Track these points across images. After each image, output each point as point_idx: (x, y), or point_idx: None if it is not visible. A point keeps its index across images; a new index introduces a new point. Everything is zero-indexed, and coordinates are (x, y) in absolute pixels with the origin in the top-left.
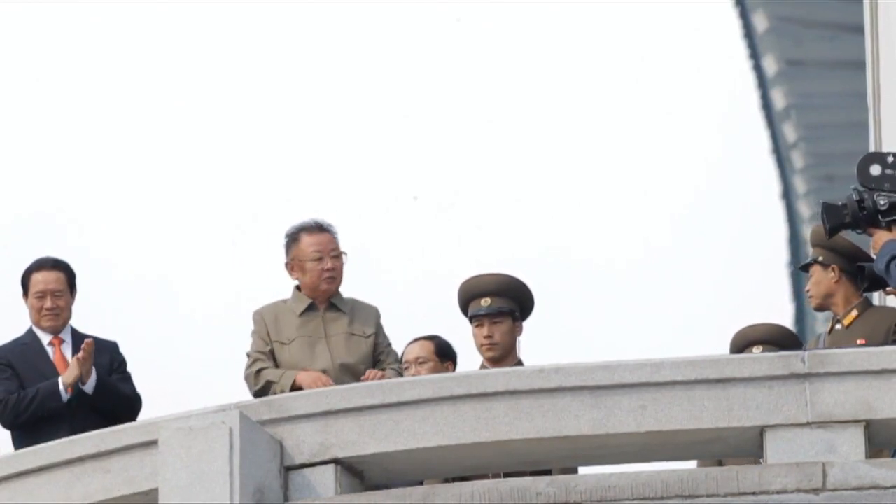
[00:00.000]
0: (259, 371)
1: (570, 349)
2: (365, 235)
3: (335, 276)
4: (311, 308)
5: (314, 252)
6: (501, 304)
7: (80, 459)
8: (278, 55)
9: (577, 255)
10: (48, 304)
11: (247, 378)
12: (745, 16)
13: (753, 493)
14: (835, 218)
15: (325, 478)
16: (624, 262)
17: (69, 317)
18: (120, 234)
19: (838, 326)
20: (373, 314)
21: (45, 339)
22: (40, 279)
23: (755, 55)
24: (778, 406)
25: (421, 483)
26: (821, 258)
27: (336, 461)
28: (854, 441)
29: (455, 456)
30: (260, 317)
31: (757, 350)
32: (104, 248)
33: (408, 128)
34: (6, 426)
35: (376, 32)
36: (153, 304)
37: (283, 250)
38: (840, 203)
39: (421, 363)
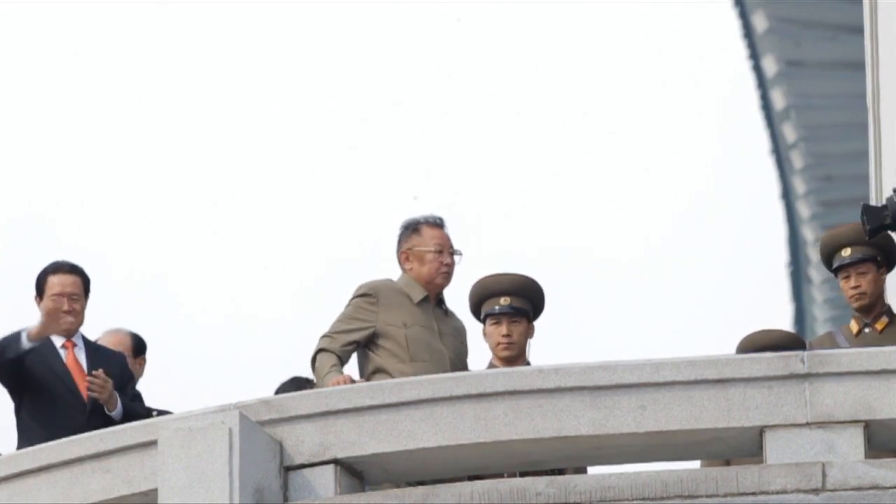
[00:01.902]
0: (320, 351)
1: (569, 349)
2: (365, 235)
3: (450, 272)
4: (425, 300)
5: (436, 245)
6: (519, 303)
7: (80, 459)
8: (277, 55)
9: (576, 255)
10: (64, 307)
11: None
12: (744, 16)
13: (753, 494)
14: (875, 219)
15: (325, 478)
16: (623, 262)
17: (83, 321)
18: (118, 234)
19: (867, 330)
20: (465, 329)
21: (57, 341)
22: (57, 282)
23: (755, 55)
24: (777, 406)
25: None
26: (879, 258)
27: (335, 461)
28: (853, 441)
29: (455, 456)
30: (374, 292)
31: None
32: (102, 248)
33: (408, 128)
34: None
35: (376, 32)
36: (152, 305)
37: (396, 240)
38: (881, 205)
39: None
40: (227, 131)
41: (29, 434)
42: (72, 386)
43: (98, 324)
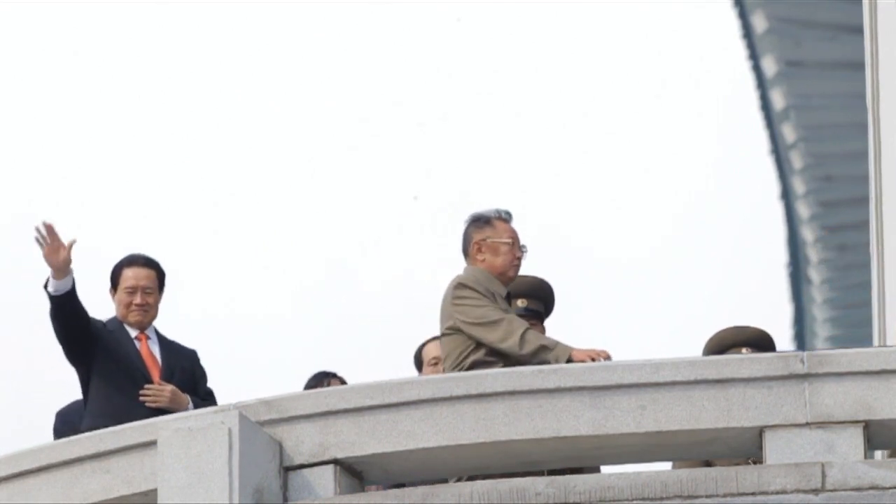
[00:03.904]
0: (527, 331)
1: None
2: (365, 235)
3: (520, 266)
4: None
5: (508, 237)
6: (534, 305)
7: (80, 460)
8: (277, 55)
9: (576, 255)
10: (138, 299)
11: (510, 345)
12: (744, 16)
13: (753, 494)
14: None
15: (325, 478)
16: (622, 262)
17: (156, 315)
18: (118, 234)
19: None
20: None
21: (131, 332)
22: (131, 275)
23: (754, 56)
24: (777, 406)
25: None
26: None
27: (335, 461)
28: (853, 441)
29: (454, 456)
30: (473, 284)
31: (745, 352)
32: (102, 247)
33: (408, 128)
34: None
35: (376, 32)
36: None
37: (462, 232)
38: None
39: None
40: (227, 131)
41: (100, 412)
42: (146, 374)
43: None
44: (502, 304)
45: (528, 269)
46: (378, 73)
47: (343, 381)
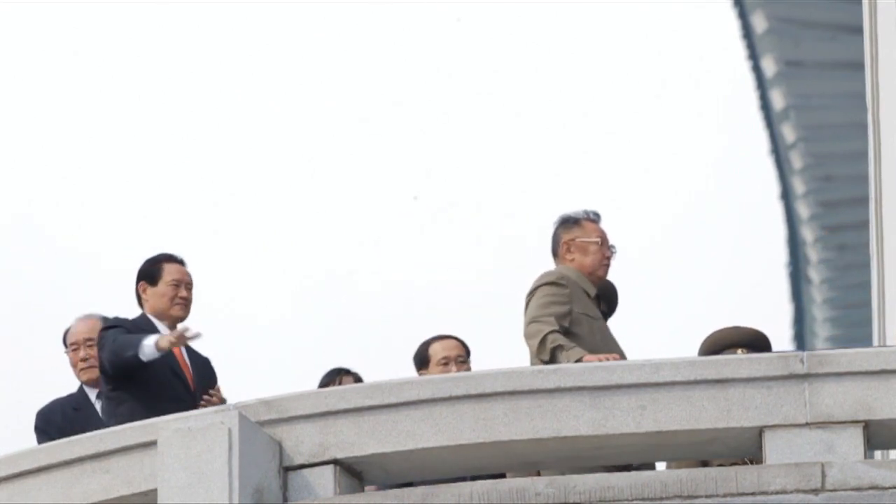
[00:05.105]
0: (549, 333)
1: None
2: (365, 235)
3: (609, 265)
4: (595, 295)
5: (597, 237)
6: (601, 306)
7: (80, 460)
8: (278, 55)
9: None
10: (183, 293)
11: (533, 346)
12: (743, 16)
13: (752, 494)
14: None
15: (324, 478)
16: (622, 262)
17: (188, 314)
18: (118, 234)
19: None
20: None
21: (163, 331)
22: (175, 269)
23: (754, 56)
24: (777, 406)
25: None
26: None
27: (335, 462)
28: (853, 441)
29: (454, 456)
30: (563, 280)
31: (741, 353)
32: (102, 248)
33: (408, 128)
34: (110, 369)
35: (376, 32)
36: None
37: (552, 234)
38: None
39: (461, 361)
40: (227, 131)
41: (135, 416)
42: (185, 382)
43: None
44: (579, 307)
45: (526, 268)
46: (378, 73)
47: (358, 378)
